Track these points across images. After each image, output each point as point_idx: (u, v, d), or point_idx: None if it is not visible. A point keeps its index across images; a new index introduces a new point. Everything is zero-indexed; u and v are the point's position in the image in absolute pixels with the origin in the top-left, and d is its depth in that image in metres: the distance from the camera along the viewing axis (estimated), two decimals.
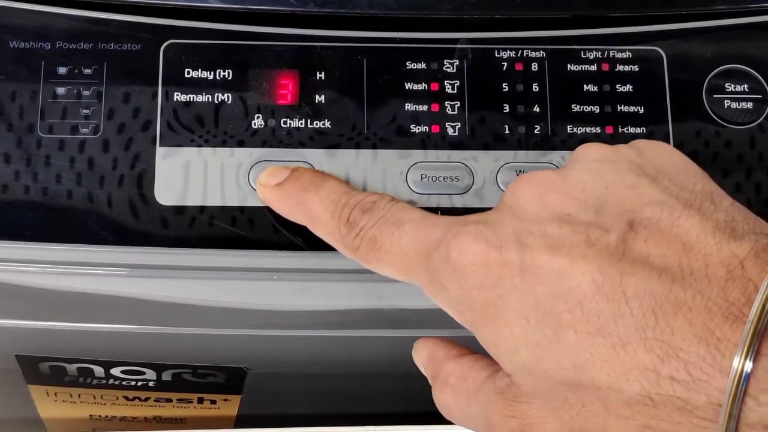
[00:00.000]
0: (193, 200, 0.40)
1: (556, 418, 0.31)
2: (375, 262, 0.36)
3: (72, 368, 0.49)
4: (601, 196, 0.33)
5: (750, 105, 0.43)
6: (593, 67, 0.43)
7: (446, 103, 0.42)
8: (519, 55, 0.43)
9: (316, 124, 0.41)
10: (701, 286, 0.30)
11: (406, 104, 0.42)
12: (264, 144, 0.41)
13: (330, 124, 0.41)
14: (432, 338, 0.38)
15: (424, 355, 0.38)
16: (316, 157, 0.41)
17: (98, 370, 0.49)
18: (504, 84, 0.42)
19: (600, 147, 0.35)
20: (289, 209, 0.39)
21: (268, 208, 0.40)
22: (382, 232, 0.36)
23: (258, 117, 0.41)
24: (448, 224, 0.35)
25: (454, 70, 0.42)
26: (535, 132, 0.42)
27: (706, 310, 0.30)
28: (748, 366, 0.28)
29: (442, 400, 0.36)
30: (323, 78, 0.42)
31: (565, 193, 0.33)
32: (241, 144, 0.41)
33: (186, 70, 0.41)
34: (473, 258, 0.33)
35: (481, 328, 0.33)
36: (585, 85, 0.42)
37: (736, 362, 0.28)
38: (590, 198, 0.33)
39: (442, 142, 0.41)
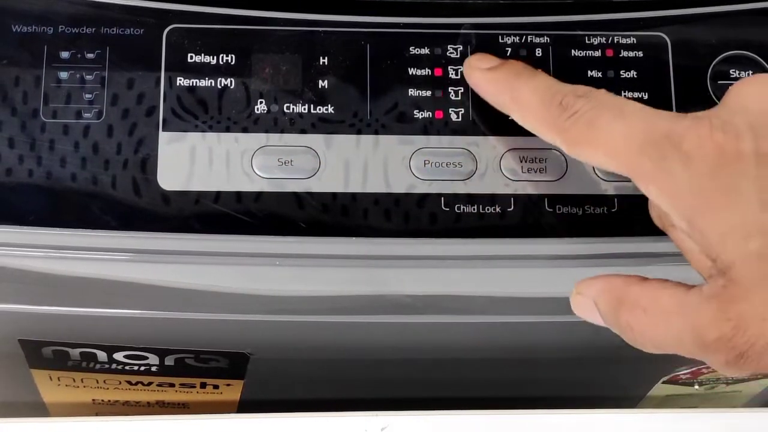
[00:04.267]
0: (196, 185, 0.40)
1: None
2: (585, 145, 0.36)
3: (75, 353, 0.49)
4: None
5: None
6: (597, 53, 0.42)
7: (449, 88, 0.42)
8: (523, 40, 0.42)
9: (320, 109, 0.41)
10: None
11: (410, 90, 0.42)
12: (267, 129, 0.41)
13: (333, 109, 0.41)
14: (602, 274, 0.37)
15: (597, 288, 0.37)
16: (319, 142, 0.41)
17: (101, 355, 0.49)
18: None
19: None
20: (495, 92, 0.39)
21: (272, 195, 0.40)
22: (600, 116, 0.35)
23: (261, 102, 0.41)
24: (674, 116, 0.35)
25: (458, 56, 0.42)
26: None
27: None
28: None
29: (633, 322, 0.35)
30: (326, 63, 0.42)
31: None
32: (244, 129, 0.41)
33: (189, 54, 0.41)
34: (709, 146, 0.33)
35: (706, 215, 0.33)
36: (589, 71, 0.42)
37: None
38: None
39: (444, 128, 0.41)
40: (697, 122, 0.34)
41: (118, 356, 0.50)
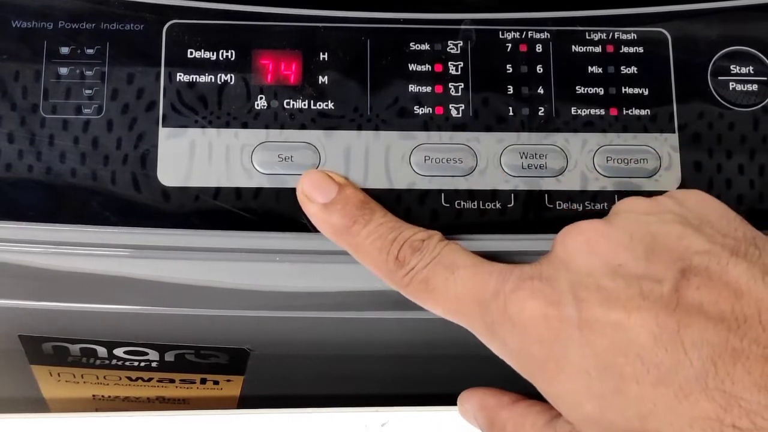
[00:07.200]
0: (196, 181, 0.40)
1: None
2: (426, 302, 0.37)
3: (75, 348, 0.49)
4: (649, 244, 0.34)
5: (755, 87, 0.42)
6: (598, 49, 0.42)
7: (450, 84, 0.42)
8: (523, 36, 0.42)
9: (320, 105, 0.41)
10: (756, 334, 0.31)
11: (410, 86, 0.42)
12: (267, 125, 0.41)
13: (333, 105, 0.41)
14: (479, 389, 0.39)
15: (475, 405, 0.39)
16: (320, 138, 0.41)
17: (101, 351, 0.49)
18: (508, 65, 0.42)
19: (641, 200, 0.36)
20: (333, 234, 0.39)
21: (272, 191, 0.40)
22: (435, 275, 0.36)
23: (261, 98, 0.41)
24: (502, 274, 0.35)
25: (458, 52, 0.42)
26: (539, 114, 0.42)
27: (764, 359, 0.30)
28: None
29: None
30: (326, 59, 0.41)
31: (614, 241, 0.34)
32: (244, 125, 0.41)
33: (189, 50, 0.41)
34: (532, 314, 0.34)
35: (542, 382, 0.34)
36: (589, 67, 0.42)
37: None
38: (639, 246, 0.34)
39: (445, 124, 0.41)
40: (520, 285, 0.34)
41: (118, 352, 0.50)
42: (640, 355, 0.32)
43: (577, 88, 0.42)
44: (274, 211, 0.40)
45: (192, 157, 0.40)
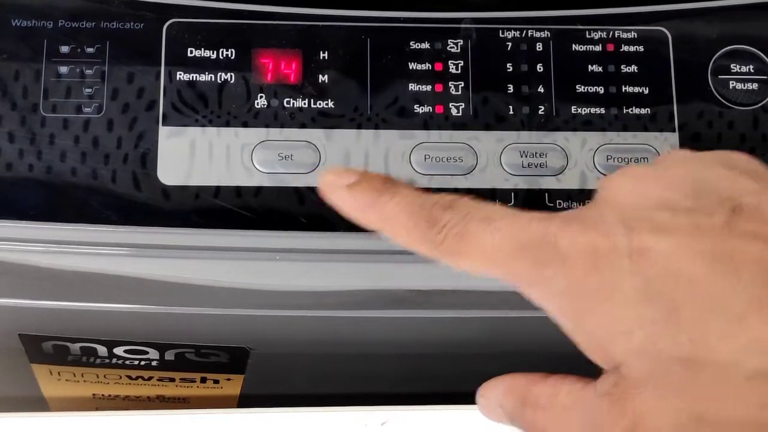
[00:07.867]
0: (196, 180, 0.40)
1: (670, 407, 0.31)
2: (460, 258, 0.36)
3: (75, 347, 0.49)
4: (697, 184, 0.34)
5: (755, 86, 0.42)
6: (598, 48, 0.42)
7: (450, 83, 0.42)
8: (523, 35, 0.42)
9: (320, 104, 0.41)
10: None
11: (410, 84, 0.42)
12: (268, 124, 0.41)
13: (333, 104, 0.41)
14: (506, 375, 0.38)
15: (501, 390, 0.37)
16: (320, 137, 0.41)
17: (101, 350, 0.50)
18: (508, 64, 0.42)
19: (685, 150, 0.36)
20: (360, 211, 0.38)
21: (272, 190, 0.40)
22: (470, 228, 0.35)
23: (261, 97, 0.41)
24: (544, 218, 0.35)
25: (458, 50, 0.42)
26: (539, 112, 0.42)
27: None
28: None
29: (535, 420, 0.36)
30: (326, 58, 0.42)
31: (661, 181, 0.34)
32: (245, 124, 0.41)
33: (189, 49, 0.41)
34: (583, 247, 0.33)
35: (589, 316, 0.33)
36: (590, 66, 0.42)
37: None
38: (687, 185, 0.34)
39: (445, 123, 0.41)
40: (568, 222, 0.34)
41: (119, 351, 0.50)
42: (691, 281, 0.31)
43: (577, 86, 0.42)
44: (274, 209, 0.40)
45: (192, 156, 0.40)
